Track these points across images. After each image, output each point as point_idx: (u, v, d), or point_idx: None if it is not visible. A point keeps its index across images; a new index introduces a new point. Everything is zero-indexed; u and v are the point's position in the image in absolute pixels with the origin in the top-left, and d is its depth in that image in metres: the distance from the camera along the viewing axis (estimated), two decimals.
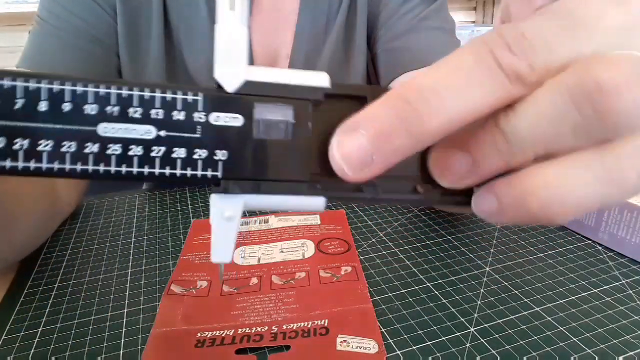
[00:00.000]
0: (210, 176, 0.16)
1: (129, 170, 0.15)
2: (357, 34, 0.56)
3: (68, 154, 0.15)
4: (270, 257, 0.37)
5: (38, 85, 0.15)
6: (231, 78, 0.16)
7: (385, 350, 0.27)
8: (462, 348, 0.27)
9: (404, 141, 0.15)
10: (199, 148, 0.16)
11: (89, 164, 0.15)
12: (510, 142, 0.15)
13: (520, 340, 0.28)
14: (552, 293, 0.32)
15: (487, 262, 0.36)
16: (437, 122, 0.14)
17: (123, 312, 0.31)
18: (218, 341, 0.28)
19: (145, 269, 0.36)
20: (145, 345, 0.28)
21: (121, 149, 0.15)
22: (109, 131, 0.15)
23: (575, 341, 0.28)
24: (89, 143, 0.15)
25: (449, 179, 0.17)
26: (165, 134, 0.15)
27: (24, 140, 0.15)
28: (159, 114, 0.15)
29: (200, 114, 0.16)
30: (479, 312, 0.30)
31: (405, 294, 0.32)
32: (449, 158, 0.16)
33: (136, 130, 0.15)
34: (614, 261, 0.35)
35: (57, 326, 0.30)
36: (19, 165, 0.15)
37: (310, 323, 0.29)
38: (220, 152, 0.16)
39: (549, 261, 0.36)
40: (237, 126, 0.16)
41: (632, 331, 0.28)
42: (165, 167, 0.16)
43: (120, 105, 0.15)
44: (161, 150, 0.16)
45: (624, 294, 0.32)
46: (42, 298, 0.33)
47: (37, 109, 0.15)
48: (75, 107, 0.15)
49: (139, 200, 0.49)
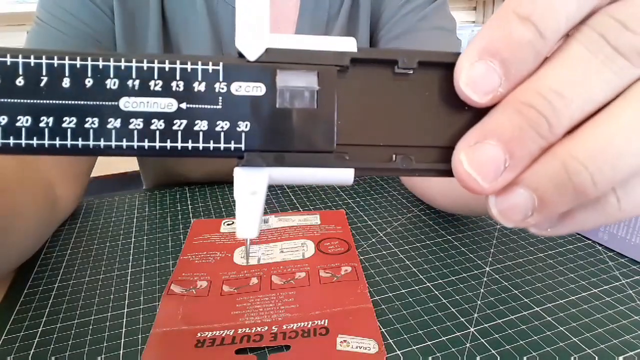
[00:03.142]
0: (234, 149, 0.16)
1: (151, 145, 0.15)
2: (359, 35, 0.56)
3: (91, 130, 0.15)
4: (270, 257, 0.37)
5: (62, 62, 0.15)
6: (252, 46, 0.15)
7: (385, 350, 0.27)
8: (462, 348, 0.27)
9: (537, 144, 0.15)
10: (221, 120, 0.15)
11: (112, 139, 0.15)
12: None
13: (520, 340, 0.28)
14: (552, 293, 0.32)
15: (487, 262, 0.36)
16: (565, 122, 0.14)
17: (123, 312, 0.31)
18: (218, 341, 0.28)
19: (145, 269, 0.36)
20: (145, 345, 0.28)
21: (143, 123, 0.15)
22: (131, 105, 0.15)
23: (575, 341, 0.28)
24: (112, 118, 0.15)
25: (514, 221, 0.16)
26: (187, 106, 0.15)
27: (49, 118, 0.15)
28: (180, 86, 0.15)
29: (222, 84, 0.15)
30: (479, 312, 0.30)
31: (406, 294, 0.32)
32: (509, 200, 0.16)
33: (157, 104, 0.15)
34: (614, 261, 0.35)
35: (57, 326, 0.30)
36: (46, 143, 0.15)
37: (310, 323, 0.29)
38: (243, 123, 0.15)
39: (549, 261, 0.36)
40: (259, 96, 0.16)
41: (632, 331, 0.28)
42: (188, 141, 0.15)
43: (140, 79, 0.15)
44: (183, 124, 0.15)
45: (624, 294, 0.32)
46: (42, 298, 0.33)
47: (61, 86, 0.15)
48: (97, 82, 0.15)
49: (139, 200, 0.49)
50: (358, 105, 0.16)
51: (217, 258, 0.37)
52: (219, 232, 0.41)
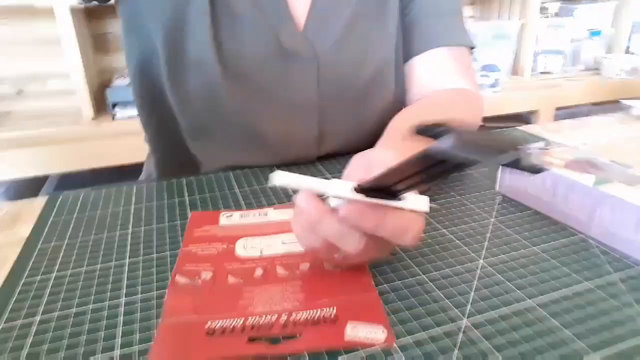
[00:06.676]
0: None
1: None
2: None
3: None
4: (272, 249, 0.37)
5: None
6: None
7: (394, 336, 0.28)
8: (454, 338, 0.28)
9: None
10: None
11: None
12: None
13: (513, 331, 0.28)
14: (545, 286, 0.32)
15: (480, 255, 0.36)
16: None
17: (120, 301, 0.32)
18: (229, 330, 0.28)
19: (142, 259, 0.37)
20: (154, 336, 0.28)
21: None
22: None
23: (567, 333, 0.28)
24: None
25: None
26: None
27: None
28: None
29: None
30: (473, 304, 0.31)
31: (401, 285, 0.33)
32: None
33: None
34: (606, 255, 0.36)
35: (55, 314, 0.31)
36: None
37: (319, 311, 0.30)
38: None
39: (542, 255, 0.36)
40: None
41: (623, 324, 0.29)
42: None
43: None
44: None
45: (615, 287, 0.32)
46: (39, 286, 0.34)
47: None
48: None
49: (136, 192, 0.49)
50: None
51: (219, 249, 0.37)
52: (219, 224, 0.41)
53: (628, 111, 0.75)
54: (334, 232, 0.28)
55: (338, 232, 0.28)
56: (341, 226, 0.28)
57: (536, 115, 1.75)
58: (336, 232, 0.28)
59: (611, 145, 0.61)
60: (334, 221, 0.28)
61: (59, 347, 0.28)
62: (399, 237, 0.28)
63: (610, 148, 0.60)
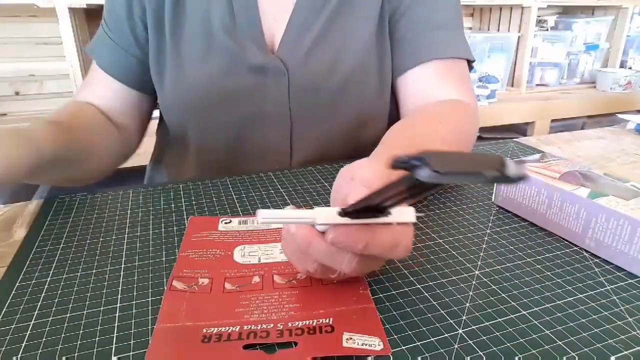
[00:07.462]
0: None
1: None
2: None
3: None
4: (270, 257, 0.37)
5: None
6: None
7: (390, 347, 0.28)
8: (451, 349, 0.28)
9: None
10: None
11: None
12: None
13: (507, 342, 0.28)
14: (539, 297, 0.33)
15: (476, 266, 0.36)
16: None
17: (116, 306, 0.32)
18: (225, 337, 0.28)
19: (138, 264, 0.37)
20: (150, 341, 0.28)
21: None
22: None
23: (560, 344, 0.28)
24: None
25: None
26: None
27: None
28: None
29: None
30: (467, 314, 0.31)
31: (396, 295, 0.33)
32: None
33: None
34: (600, 267, 0.36)
35: (49, 320, 0.31)
36: None
37: (316, 321, 0.30)
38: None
39: (537, 266, 0.36)
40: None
41: (616, 336, 0.29)
42: None
43: None
44: None
45: (608, 299, 0.32)
46: (34, 291, 0.34)
47: None
48: None
49: (133, 197, 0.49)
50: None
51: (217, 256, 0.37)
52: (217, 230, 0.41)
53: (623, 125, 0.76)
54: (325, 255, 0.29)
55: (329, 254, 0.29)
56: (331, 249, 0.28)
57: (532, 127, 1.77)
58: (327, 255, 0.29)
59: (605, 158, 0.62)
60: (324, 245, 0.28)
61: (53, 353, 0.28)
62: (391, 252, 0.29)
63: (605, 161, 0.61)
